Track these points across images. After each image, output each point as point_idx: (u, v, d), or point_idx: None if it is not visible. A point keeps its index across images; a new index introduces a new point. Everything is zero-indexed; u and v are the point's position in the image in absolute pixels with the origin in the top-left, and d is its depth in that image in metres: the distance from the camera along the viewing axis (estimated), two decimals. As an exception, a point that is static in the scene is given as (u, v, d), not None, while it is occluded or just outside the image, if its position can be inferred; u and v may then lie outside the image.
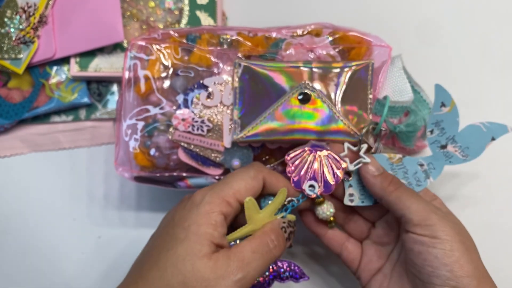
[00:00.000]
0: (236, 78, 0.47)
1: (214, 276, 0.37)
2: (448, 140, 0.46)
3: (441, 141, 0.46)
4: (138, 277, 0.39)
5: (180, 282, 0.37)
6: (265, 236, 0.41)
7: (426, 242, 0.40)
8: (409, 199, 0.42)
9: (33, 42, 0.55)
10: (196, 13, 0.59)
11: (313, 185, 0.44)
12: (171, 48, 0.49)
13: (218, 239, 0.39)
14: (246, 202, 0.41)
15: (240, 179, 0.41)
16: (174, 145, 0.49)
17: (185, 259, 0.37)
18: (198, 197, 0.40)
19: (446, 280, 0.39)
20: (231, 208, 0.40)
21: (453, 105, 0.46)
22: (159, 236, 0.41)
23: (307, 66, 0.47)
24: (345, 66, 0.47)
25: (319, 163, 0.44)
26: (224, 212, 0.40)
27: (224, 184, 0.41)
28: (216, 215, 0.39)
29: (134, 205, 0.58)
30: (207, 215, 0.39)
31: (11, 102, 0.57)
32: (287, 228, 0.42)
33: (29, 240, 0.57)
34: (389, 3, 0.63)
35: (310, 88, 0.46)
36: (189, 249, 0.37)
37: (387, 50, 0.49)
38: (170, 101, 0.49)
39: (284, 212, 0.43)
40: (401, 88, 0.49)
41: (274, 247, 0.40)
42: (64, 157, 0.59)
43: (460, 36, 0.62)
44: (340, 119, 0.46)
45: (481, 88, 0.61)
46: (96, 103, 0.59)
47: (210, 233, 0.38)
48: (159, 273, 0.37)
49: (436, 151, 0.46)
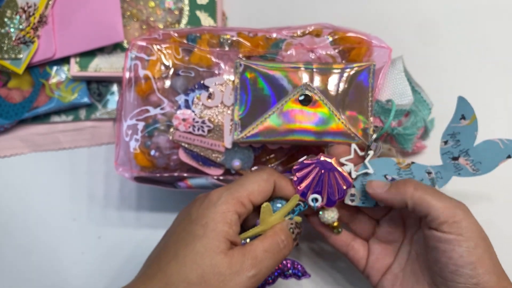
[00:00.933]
0: (237, 78, 0.47)
1: (230, 271, 0.39)
2: (462, 152, 0.45)
3: (454, 152, 0.46)
4: (157, 270, 0.40)
5: (198, 276, 0.38)
6: (276, 236, 0.42)
7: (452, 241, 0.40)
8: (433, 197, 0.41)
9: (33, 42, 0.55)
10: (196, 13, 0.59)
11: (316, 198, 0.45)
12: (171, 48, 0.49)
13: (233, 237, 0.41)
14: (263, 207, 0.43)
15: (254, 182, 0.43)
16: (175, 146, 0.49)
17: (203, 254, 0.39)
18: (215, 196, 0.42)
19: (469, 279, 0.39)
20: (245, 209, 0.42)
21: (473, 119, 0.46)
22: (175, 233, 0.43)
23: (307, 67, 0.47)
24: (346, 67, 0.47)
25: (326, 177, 0.44)
26: (239, 212, 0.41)
27: (239, 186, 0.43)
28: (232, 215, 0.41)
29: (134, 205, 0.58)
30: (224, 214, 0.41)
31: (11, 102, 0.57)
32: (294, 229, 0.44)
33: (29, 240, 0.57)
34: (389, 3, 0.63)
35: (311, 89, 0.46)
36: (208, 245, 0.39)
37: (387, 51, 0.49)
38: (171, 101, 0.49)
39: (292, 214, 0.45)
40: (401, 91, 0.49)
41: (284, 246, 0.42)
42: (64, 157, 0.59)
43: (460, 36, 0.62)
44: (340, 120, 0.46)
45: (481, 88, 0.61)
46: (96, 103, 0.59)
47: (226, 231, 0.40)
48: (177, 267, 0.39)
49: (446, 162, 0.46)
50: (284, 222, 0.44)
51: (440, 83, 0.60)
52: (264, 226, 0.43)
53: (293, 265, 0.46)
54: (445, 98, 0.60)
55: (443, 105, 0.59)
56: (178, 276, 0.39)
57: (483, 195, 0.58)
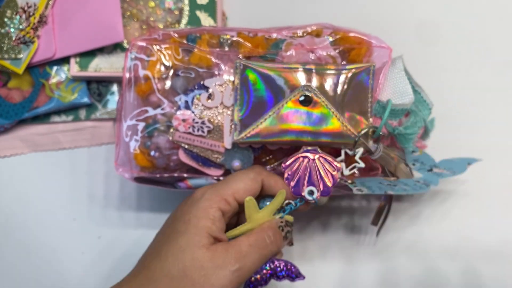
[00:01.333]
0: (237, 79, 0.47)
1: (212, 265, 0.39)
2: (432, 166, 0.48)
3: (426, 168, 0.48)
4: (141, 267, 0.41)
5: (180, 270, 0.39)
6: (262, 232, 0.42)
7: None
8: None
9: (33, 42, 0.55)
10: (196, 13, 0.59)
11: (312, 191, 0.44)
12: (171, 49, 0.49)
13: (216, 232, 0.41)
14: (246, 201, 0.42)
15: (240, 180, 0.43)
16: (174, 146, 0.49)
17: (185, 250, 0.39)
18: (198, 194, 0.42)
19: None
20: (229, 206, 0.42)
21: (421, 152, 0.49)
22: (161, 231, 0.44)
23: (307, 68, 0.47)
24: (343, 68, 0.47)
25: (315, 167, 0.44)
26: (222, 209, 0.42)
27: (223, 183, 0.43)
28: (215, 211, 0.41)
29: (134, 206, 0.58)
30: (206, 210, 0.41)
31: (11, 102, 0.57)
32: (284, 227, 0.44)
33: (29, 240, 0.57)
34: (389, 4, 0.63)
35: (311, 90, 0.46)
36: (189, 240, 0.40)
37: (387, 51, 0.49)
38: (171, 101, 0.49)
39: (282, 213, 0.44)
40: (402, 90, 0.49)
41: (271, 242, 0.42)
42: (64, 157, 0.59)
43: (460, 36, 0.62)
44: (340, 121, 0.46)
45: (481, 88, 0.61)
46: (96, 103, 0.59)
47: (208, 227, 0.40)
48: (160, 263, 0.39)
49: (425, 173, 0.48)
50: (273, 220, 0.44)
51: (440, 83, 0.60)
52: (252, 224, 0.43)
53: (287, 266, 0.45)
54: (445, 98, 0.60)
55: (443, 105, 0.59)
56: (161, 272, 0.39)
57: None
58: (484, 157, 0.54)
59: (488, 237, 0.57)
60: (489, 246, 0.57)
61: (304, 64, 0.47)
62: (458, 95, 0.61)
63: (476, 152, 0.55)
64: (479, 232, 0.58)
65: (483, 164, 0.54)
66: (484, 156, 0.54)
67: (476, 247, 0.57)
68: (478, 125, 0.60)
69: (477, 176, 0.57)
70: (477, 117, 0.60)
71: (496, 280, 0.56)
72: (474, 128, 0.60)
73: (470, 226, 0.57)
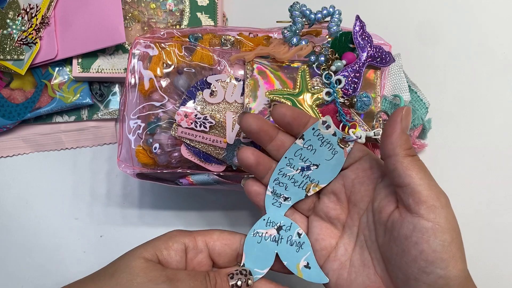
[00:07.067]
0: (247, 75, 0.48)
1: (143, 275, 0.38)
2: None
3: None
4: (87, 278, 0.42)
5: (111, 272, 0.39)
6: (205, 277, 0.40)
7: (428, 230, 0.34)
8: (420, 171, 0.35)
9: (35, 43, 0.56)
10: (197, 14, 0.59)
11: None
12: (174, 47, 0.50)
13: (166, 256, 0.41)
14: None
15: (217, 231, 0.43)
16: (176, 143, 0.49)
17: (125, 256, 0.40)
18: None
19: (438, 279, 0.34)
20: (195, 243, 0.42)
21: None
22: None
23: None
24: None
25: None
26: (186, 244, 0.42)
27: (200, 231, 0.43)
28: (175, 241, 0.41)
29: (136, 204, 0.58)
30: (167, 238, 0.42)
31: (14, 102, 0.57)
32: (235, 275, 0.41)
33: (32, 239, 0.57)
34: (389, 3, 0.63)
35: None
36: (134, 250, 0.41)
37: (387, 47, 0.49)
38: (173, 99, 0.49)
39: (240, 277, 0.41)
40: (400, 87, 0.49)
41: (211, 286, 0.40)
42: (66, 157, 0.59)
43: (460, 36, 0.63)
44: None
45: (481, 88, 0.61)
46: (98, 104, 0.59)
47: (158, 246, 0.41)
48: (105, 266, 0.41)
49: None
50: (226, 269, 0.41)
51: (439, 83, 0.61)
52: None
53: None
54: (443, 98, 0.60)
55: (441, 105, 0.60)
56: (103, 271, 0.40)
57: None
58: (484, 157, 0.54)
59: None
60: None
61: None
62: (458, 94, 0.61)
63: (476, 152, 0.56)
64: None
65: (482, 164, 0.55)
66: (484, 156, 0.55)
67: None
68: (477, 125, 0.60)
69: (477, 176, 0.58)
70: (476, 116, 0.61)
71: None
72: (474, 128, 0.60)
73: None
